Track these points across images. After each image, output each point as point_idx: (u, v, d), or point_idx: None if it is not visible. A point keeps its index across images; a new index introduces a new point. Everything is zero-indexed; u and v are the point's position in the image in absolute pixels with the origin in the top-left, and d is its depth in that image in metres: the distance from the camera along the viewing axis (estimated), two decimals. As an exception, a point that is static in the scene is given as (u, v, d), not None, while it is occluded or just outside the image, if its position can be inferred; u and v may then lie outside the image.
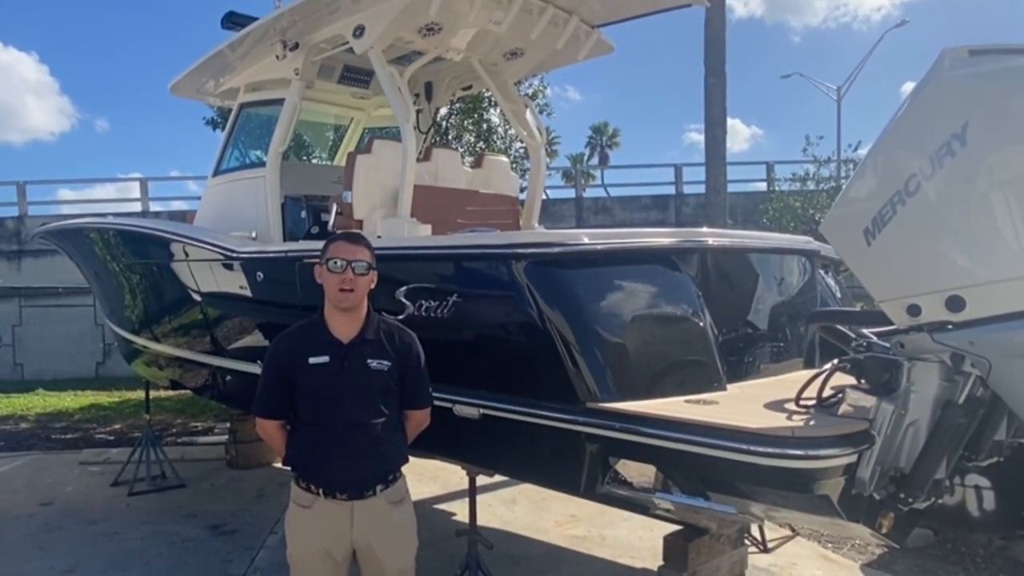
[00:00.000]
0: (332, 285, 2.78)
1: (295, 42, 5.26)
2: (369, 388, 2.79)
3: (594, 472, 3.03)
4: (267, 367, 2.89)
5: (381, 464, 2.85)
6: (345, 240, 2.89)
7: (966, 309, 2.26)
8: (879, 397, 2.50)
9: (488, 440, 3.35)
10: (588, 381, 2.97)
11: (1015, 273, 2.15)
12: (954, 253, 2.27)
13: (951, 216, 2.26)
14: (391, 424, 2.87)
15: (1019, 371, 2.22)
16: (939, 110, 2.28)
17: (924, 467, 2.51)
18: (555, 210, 18.20)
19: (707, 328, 3.28)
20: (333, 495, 2.78)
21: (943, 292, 2.29)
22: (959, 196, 2.23)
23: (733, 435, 2.50)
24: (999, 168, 2.16)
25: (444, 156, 5.45)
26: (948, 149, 2.23)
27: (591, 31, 5.18)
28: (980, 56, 2.28)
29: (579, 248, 3.12)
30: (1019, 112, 2.15)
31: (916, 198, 2.32)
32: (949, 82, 2.28)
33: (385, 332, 2.89)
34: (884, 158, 2.44)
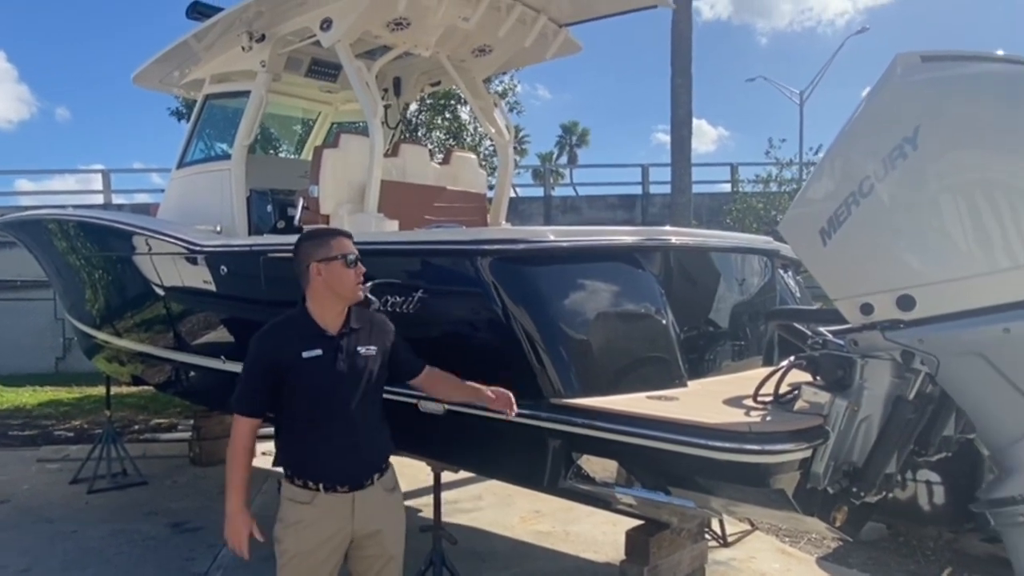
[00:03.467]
0: (349, 280, 2.81)
1: (261, 34, 5.21)
2: (363, 377, 2.82)
3: (557, 467, 3.06)
4: (251, 364, 2.85)
5: (376, 453, 2.90)
6: (342, 235, 2.92)
7: (916, 308, 2.34)
8: (833, 393, 2.57)
9: (453, 436, 3.37)
10: (552, 377, 3.00)
11: (962, 273, 2.22)
12: (905, 253, 2.34)
13: (902, 217, 2.33)
14: (381, 412, 2.92)
15: (965, 368, 2.30)
16: (891, 114, 2.35)
17: (876, 461, 2.59)
18: (524, 208, 18.26)
19: (669, 325, 3.33)
20: (334, 489, 2.78)
21: (894, 291, 2.36)
22: (910, 198, 2.30)
23: (692, 430, 2.55)
24: (948, 172, 2.23)
25: (412, 152, 5.44)
26: (900, 152, 2.30)
27: (559, 30, 5.22)
28: (932, 62, 2.35)
29: (544, 245, 3.15)
30: (967, 117, 2.23)
31: (869, 199, 2.38)
32: (901, 87, 2.35)
33: (366, 319, 2.93)
34: (840, 160, 2.50)
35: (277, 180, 5.91)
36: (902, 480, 3.37)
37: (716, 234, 4.07)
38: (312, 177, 4.90)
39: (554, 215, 18.37)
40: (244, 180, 5.54)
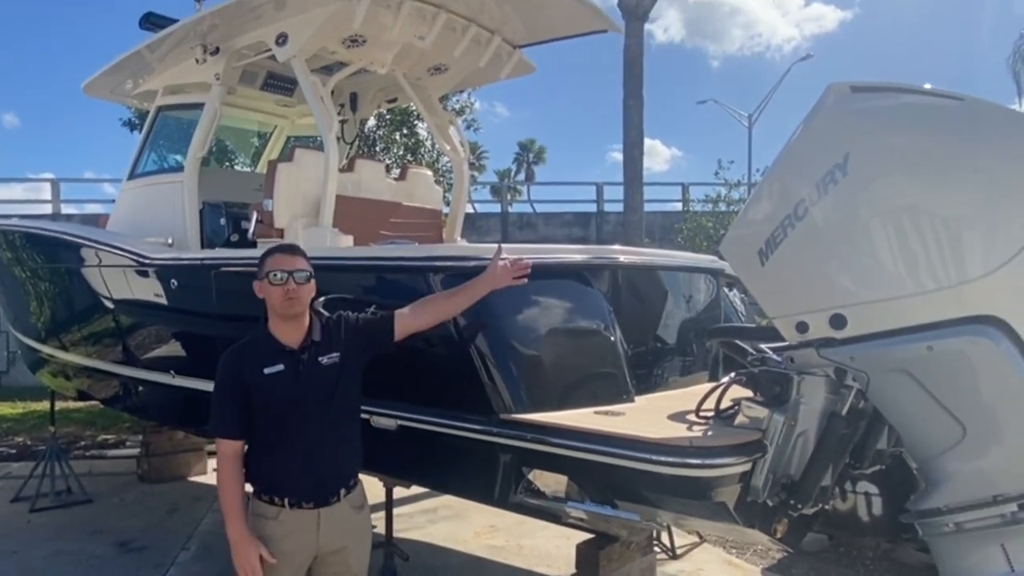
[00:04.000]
0: (277, 296, 2.80)
1: (216, 47, 5.20)
2: (328, 390, 2.82)
3: (508, 482, 3.10)
4: (218, 385, 2.85)
5: (343, 469, 2.89)
6: (282, 252, 2.93)
7: (848, 326, 2.44)
8: (771, 409, 2.65)
9: (405, 452, 3.39)
10: (502, 393, 3.04)
11: (890, 294, 2.33)
12: (837, 274, 2.44)
13: (834, 240, 2.43)
14: (350, 427, 2.91)
15: (893, 384, 2.41)
16: (823, 141, 2.46)
17: (812, 475, 2.68)
18: (481, 224, 18.34)
19: (617, 342, 3.41)
20: (299, 505, 2.78)
21: (827, 311, 2.47)
22: (841, 222, 2.41)
23: (636, 445, 2.62)
24: (876, 198, 2.35)
25: (367, 167, 5.46)
26: (832, 177, 2.41)
27: (513, 51, 5.31)
28: (861, 92, 2.47)
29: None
30: (893, 146, 2.35)
31: (804, 222, 2.49)
32: (832, 116, 2.47)
33: (326, 329, 2.94)
34: (777, 184, 2.61)
35: (231, 193, 5.87)
36: (842, 492, 3.50)
37: (663, 253, 4.18)
38: (266, 191, 4.89)
39: (511, 231, 18.49)
40: (197, 193, 5.50)
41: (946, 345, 2.25)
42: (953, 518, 2.45)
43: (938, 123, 2.31)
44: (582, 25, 5.04)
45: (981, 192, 2.22)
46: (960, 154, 2.25)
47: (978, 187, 2.23)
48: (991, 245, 2.19)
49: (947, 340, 2.25)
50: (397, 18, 4.57)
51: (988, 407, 2.27)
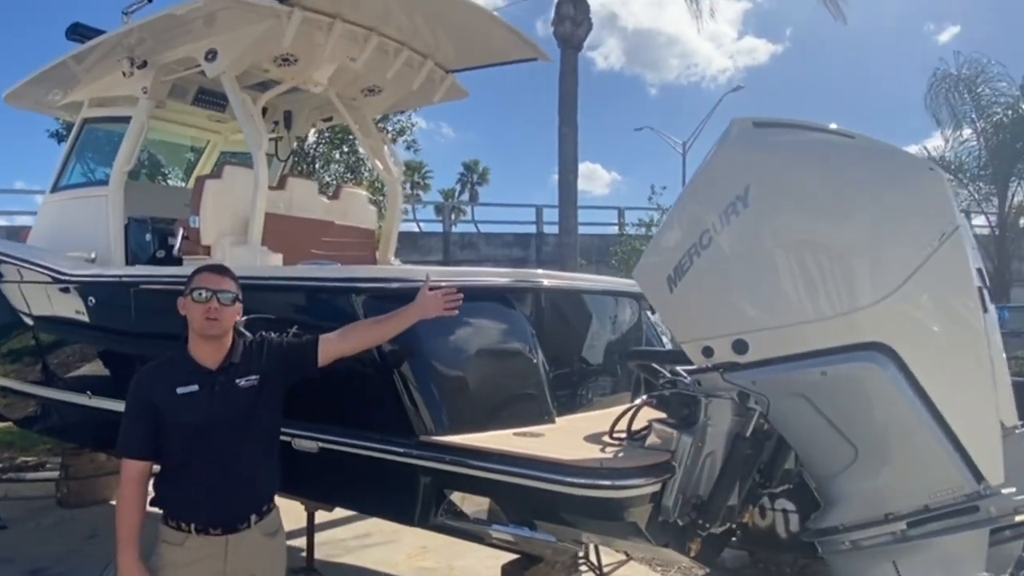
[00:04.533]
0: (198, 315, 2.76)
1: (143, 60, 5.12)
2: (243, 414, 2.77)
3: (428, 504, 3.10)
4: (130, 404, 2.79)
5: (254, 494, 2.83)
6: (209, 271, 2.90)
7: (749, 351, 2.54)
8: (680, 430, 2.73)
9: (326, 474, 3.36)
10: (423, 415, 3.06)
11: (788, 321, 2.44)
12: (739, 301, 2.54)
13: (736, 268, 2.54)
14: (264, 452, 2.86)
15: (791, 408, 2.51)
16: (726, 173, 2.57)
17: (718, 495, 2.76)
18: (423, 243, 18.37)
19: (539, 364, 3.46)
20: (206, 531, 2.71)
21: (730, 336, 2.56)
22: (743, 251, 2.52)
23: (549, 467, 2.66)
24: (773, 229, 2.46)
25: (299, 185, 5.44)
26: (733, 208, 2.51)
27: (446, 76, 5.39)
28: (763, 128, 2.60)
29: (418, 284, 3.22)
30: (790, 180, 2.47)
31: (709, 251, 2.58)
32: (735, 149, 2.58)
33: (248, 351, 2.90)
34: (684, 213, 2.71)
35: (160, 208, 5.75)
36: (761, 510, 3.61)
37: (586, 277, 4.27)
38: (193, 207, 4.83)
39: (453, 251, 18.55)
40: (122, 207, 5.38)
41: (838, 371, 2.36)
42: (849, 536, 2.56)
43: (831, 159, 2.44)
44: (513, 53, 5.16)
45: (869, 226, 2.36)
46: (850, 189, 2.39)
47: (866, 221, 2.36)
48: (878, 275, 2.32)
49: (839, 366, 2.36)
50: (328, 39, 4.58)
51: (878, 430, 2.39)
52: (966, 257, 2.34)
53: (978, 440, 2.34)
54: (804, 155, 2.48)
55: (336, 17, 4.54)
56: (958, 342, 2.35)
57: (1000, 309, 13.61)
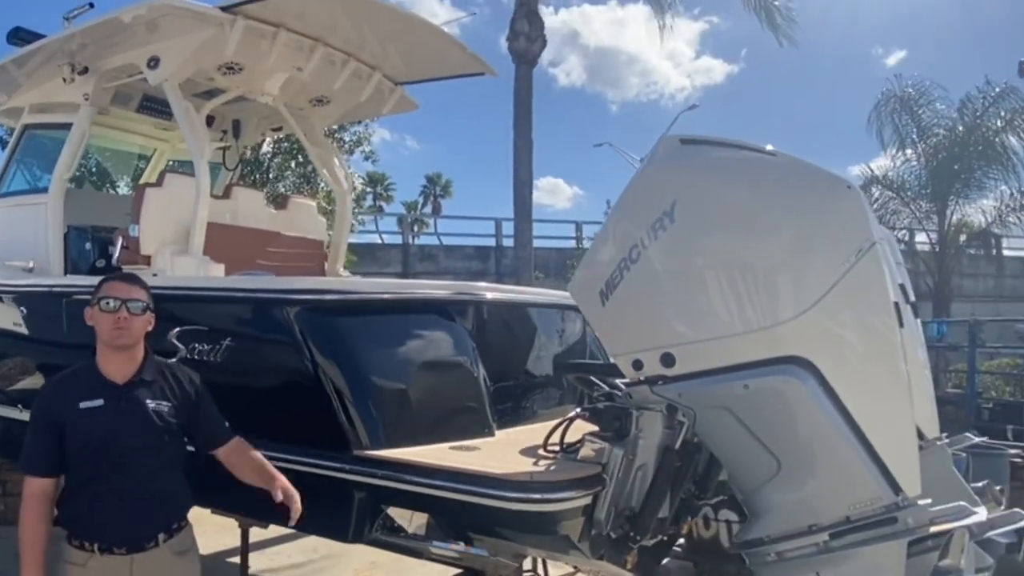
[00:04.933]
0: (105, 324, 2.67)
1: (84, 66, 5.02)
2: (149, 431, 2.68)
3: (363, 519, 3.06)
4: (34, 417, 2.70)
5: (162, 513, 2.73)
6: (119, 280, 2.82)
7: (676, 365, 2.57)
8: (612, 443, 2.75)
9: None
10: (358, 429, 3.03)
11: (712, 334, 2.48)
12: (666, 315, 2.58)
13: (663, 283, 2.57)
14: (173, 468, 2.77)
15: (716, 420, 2.55)
16: (653, 189, 2.61)
17: (649, 507, 2.78)
18: (383, 255, 18.31)
19: (479, 377, 3.45)
20: (110, 550, 2.61)
21: (658, 349, 2.59)
22: (669, 265, 2.55)
23: (480, 481, 2.65)
24: (699, 243, 2.50)
25: (245, 195, 5.37)
26: (661, 224, 2.55)
27: (395, 88, 5.39)
28: (689, 145, 2.65)
29: (354, 297, 3.20)
30: (713, 197, 2.52)
31: (638, 265, 2.62)
32: (662, 166, 2.63)
33: (164, 373, 2.81)
34: (615, 227, 2.74)
35: (103, 217, 5.63)
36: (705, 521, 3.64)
37: (532, 290, 4.28)
38: (133, 216, 4.73)
39: (412, 263, 18.51)
40: (62, 215, 5.26)
41: (760, 384, 2.40)
42: (774, 548, 2.59)
43: (753, 177, 2.49)
44: (460, 67, 5.20)
45: (789, 242, 2.41)
46: (771, 206, 2.44)
47: (786, 237, 2.42)
48: (798, 291, 2.37)
49: (760, 379, 2.40)
50: (272, 49, 4.55)
51: (799, 443, 2.44)
52: (883, 273, 2.40)
53: (895, 453, 2.40)
54: (727, 172, 2.53)
55: (280, 27, 4.50)
56: (875, 356, 2.41)
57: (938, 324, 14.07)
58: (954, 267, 18.08)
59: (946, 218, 17.30)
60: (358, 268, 14.30)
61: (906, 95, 16.93)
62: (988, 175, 16.88)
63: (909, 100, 16.92)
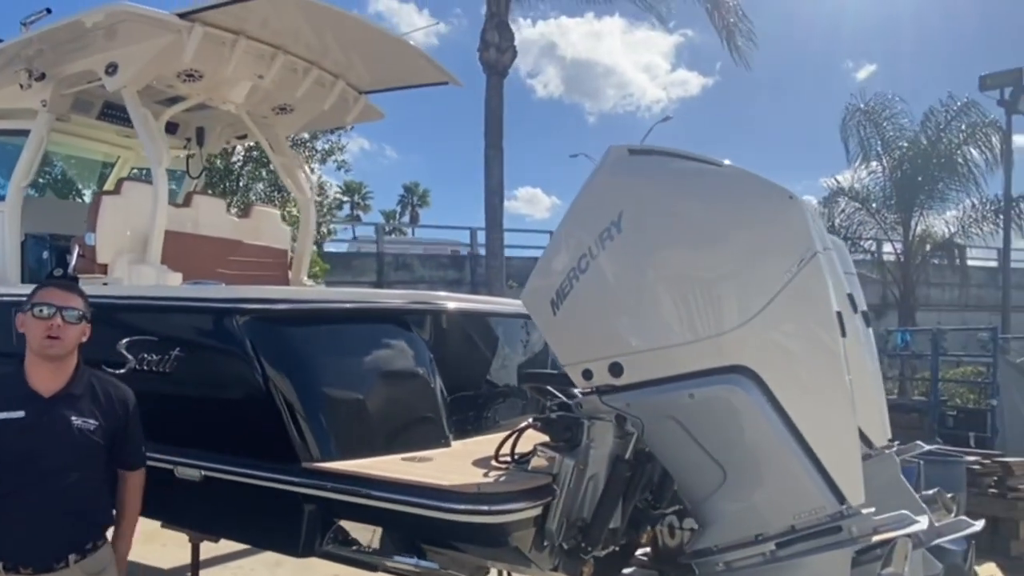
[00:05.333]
0: (37, 332, 2.59)
1: (41, 72, 4.94)
2: (69, 446, 2.59)
3: (313, 532, 3.02)
4: None
5: (76, 531, 2.65)
6: (56, 286, 2.74)
7: (624, 374, 2.56)
8: (563, 453, 2.74)
9: (209, 504, 3.24)
10: (308, 440, 2.99)
11: (658, 344, 2.48)
12: (614, 325, 2.58)
13: (612, 292, 2.57)
14: (93, 487, 2.69)
15: (663, 430, 2.55)
16: (601, 198, 2.62)
17: (600, 518, 2.77)
18: (358, 264, 18.23)
19: (436, 387, 3.43)
20: (16, 569, 2.52)
21: (607, 359, 2.59)
22: (616, 275, 2.56)
23: (427, 492, 2.62)
24: (644, 254, 2.51)
25: (206, 203, 5.31)
26: (608, 234, 2.55)
27: (359, 96, 5.37)
28: (638, 156, 2.66)
29: (304, 306, 3.17)
30: (659, 207, 2.52)
31: (586, 275, 2.62)
32: (609, 175, 2.64)
33: (95, 387, 2.73)
34: (565, 237, 2.74)
35: (62, 225, 5.54)
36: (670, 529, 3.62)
37: (491, 299, 4.27)
38: (90, 224, 4.67)
39: (387, 272, 18.45)
40: (19, 223, 5.17)
41: (704, 393, 2.41)
42: (723, 557, 2.58)
43: (697, 187, 2.51)
44: (423, 76, 5.21)
45: (732, 252, 2.42)
46: (714, 216, 2.45)
47: (729, 247, 2.43)
48: (741, 300, 2.38)
49: (705, 389, 2.41)
50: (232, 56, 4.51)
51: (744, 452, 2.44)
52: (825, 282, 2.42)
53: (838, 462, 2.41)
54: (672, 183, 2.54)
55: (240, 34, 4.47)
56: (817, 366, 2.43)
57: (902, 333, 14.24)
58: (920, 277, 18.38)
59: (911, 229, 17.60)
60: (332, 277, 14.22)
61: (870, 108, 17.24)
62: (951, 187, 17.26)
63: (872, 113, 17.23)
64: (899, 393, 14.46)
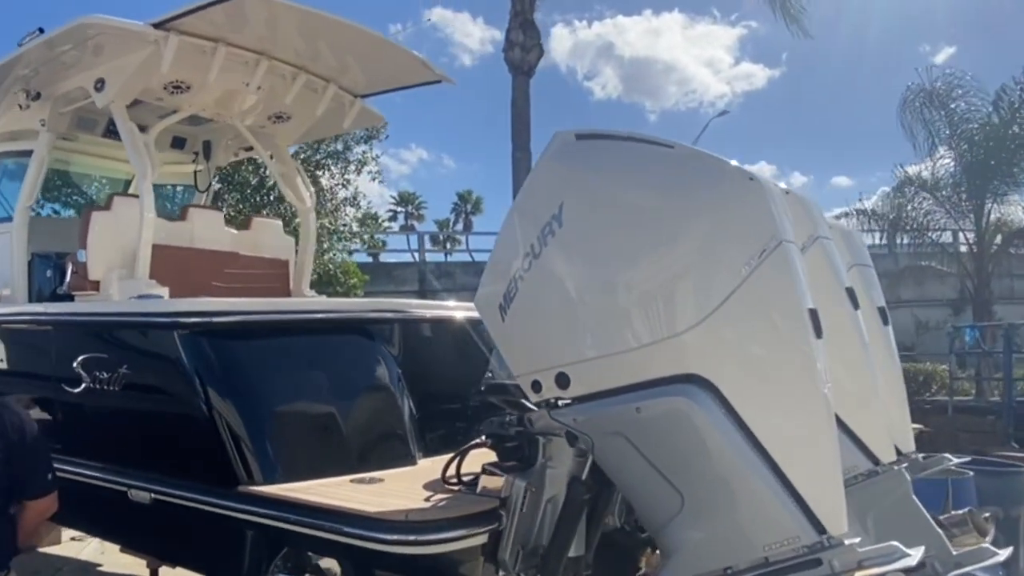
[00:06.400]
0: None
1: (37, 92, 4.96)
2: None
3: (257, 560, 2.82)
4: None
5: None
6: None
7: (571, 386, 2.28)
8: (513, 474, 2.47)
9: (158, 528, 3.08)
10: (248, 462, 2.80)
11: (603, 351, 2.18)
12: (559, 330, 2.29)
13: (555, 294, 2.29)
14: None
15: (613, 448, 2.24)
16: (542, 190, 2.35)
17: (557, 545, 2.48)
18: (399, 273, 18.23)
19: (402, 402, 3.20)
20: None
21: (553, 368, 2.30)
22: (559, 274, 2.27)
23: (352, 520, 2.39)
24: (586, 249, 2.22)
25: (202, 216, 5.23)
26: (550, 228, 2.27)
27: (354, 100, 5.21)
28: (585, 141, 2.37)
29: (250, 318, 2.99)
30: (600, 196, 2.23)
31: (530, 274, 2.34)
32: (551, 163, 2.35)
33: None
34: (508, 234, 2.47)
35: (69, 243, 5.56)
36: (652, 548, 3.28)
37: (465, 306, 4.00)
38: (80, 241, 4.62)
39: (429, 280, 18.36)
40: (25, 243, 5.20)
41: (652, 406, 2.10)
42: (690, 592, 2.27)
43: (643, 172, 2.21)
44: (416, 76, 5.02)
45: (681, 244, 2.11)
46: (661, 203, 2.15)
47: (678, 238, 2.12)
48: (691, 300, 2.07)
49: (652, 401, 2.10)
50: (212, 65, 4.40)
51: (702, 474, 2.12)
52: (792, 276, 2.08)
53: (815, 485, 2.06)
54: (615, 169, 2.25)
55: (219, 41, 4.36)
56: (786, 373, 2.09)
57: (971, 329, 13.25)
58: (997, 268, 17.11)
59: (984, 217, 16.40)
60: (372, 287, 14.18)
61: (935, 89, 16.08)
62: (1027, 170, 15.93)
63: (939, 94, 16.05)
64: (976, 394, 13.49)
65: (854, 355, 2.68)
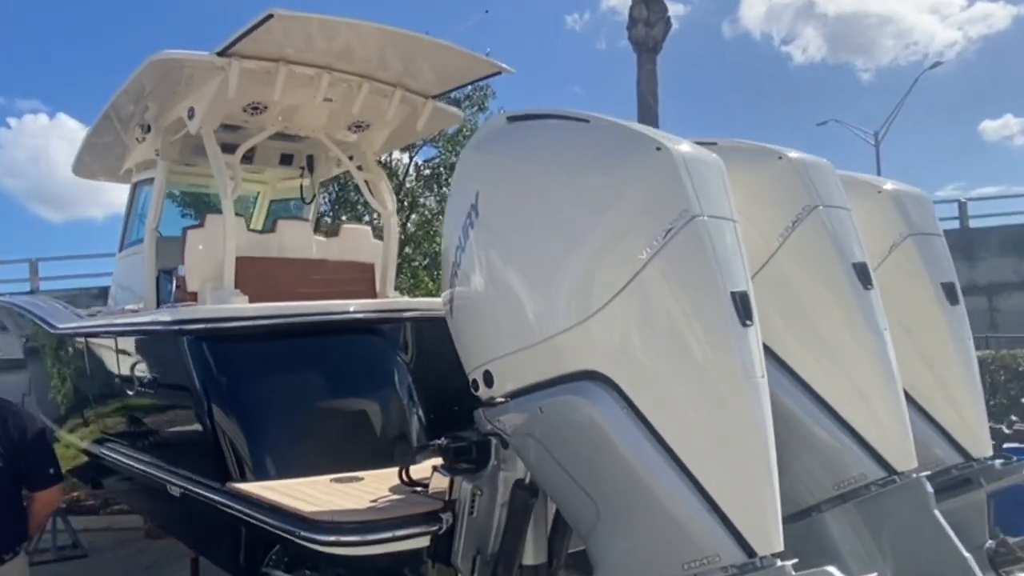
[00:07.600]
0: None
1: (147, 124, 5.51)
2: None
3: (252, 552, 2.93)
4: None
5: None
6: None
7: (495, 384, 2.15)
8: (460, 477, 2.37)
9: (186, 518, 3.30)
10: (239, 459, 2.92)
11: (512, 347, 2.05)
12: (484, 326, 2.19)
13: (477, 287, 2.18)
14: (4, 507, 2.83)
15: (528, 451, 2.09)
16: (463, 179, 2.24)
17: (505, 551, 2.34)
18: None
19: (404, 402, 3.19)
20: None
21: (481, 366, 2.20)
22: (476, 268, 2.16)
23: (292, 520, 2.40)
24: (496, 236, 2.09)
25: (290, 227, 5.55)
26: (469, 220, 2.17)
27: (425, 102, 5.29)
28: (516, 123, 2.23)
29: (252, 323, 3.11)
30: (512, 181, 2.09)
31: (462, 269, 2.25)
32: (472, 151, 2.25)
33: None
34: (447, 229, 2.38)
35: None
36: None
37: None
38: (180, 256, 5.07)
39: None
40: (154, 260, 5.78)
41: (551, 406, 1.93)
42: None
43: (548, 152, 2.04)
44: (478, 71, 5.07)
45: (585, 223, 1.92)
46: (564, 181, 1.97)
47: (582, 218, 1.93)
48: (590, 286, 1.87)
49: (551, 400, 1.93)
50: (276, 82, 4.66)
51: (608, 480, 1.91)
52: (705, 254, 1.82)
53: (740, 498, 1.79)
54: (525, 151, 2.10)
55: (279, 61, 4.60)
56: (699, 366, 1.82)
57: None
58: None
59: None
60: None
61: None
62: None
63: None
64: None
65: (856, 341, 2.30)
